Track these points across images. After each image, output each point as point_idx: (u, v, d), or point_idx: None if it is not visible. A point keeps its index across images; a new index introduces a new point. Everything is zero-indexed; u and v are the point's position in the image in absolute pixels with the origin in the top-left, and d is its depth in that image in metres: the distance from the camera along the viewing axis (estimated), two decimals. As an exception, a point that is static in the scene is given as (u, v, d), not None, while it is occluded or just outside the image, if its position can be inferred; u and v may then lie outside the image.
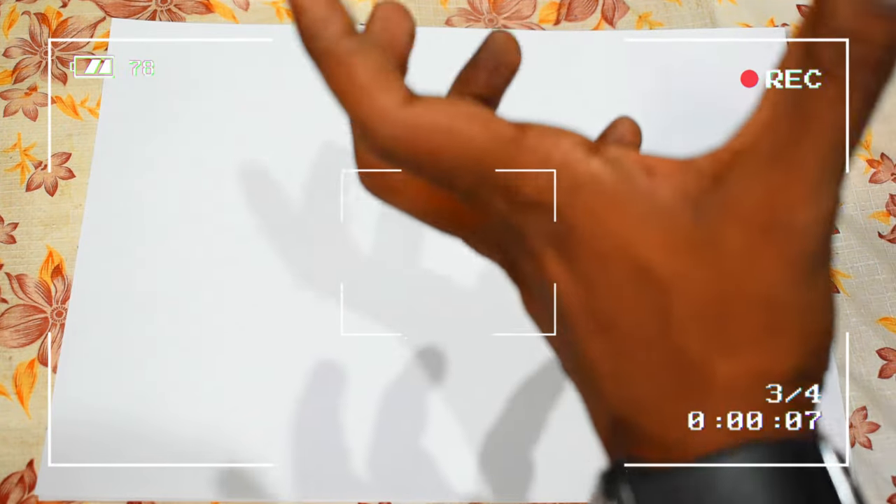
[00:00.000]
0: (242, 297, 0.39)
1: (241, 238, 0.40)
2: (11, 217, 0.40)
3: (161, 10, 0.45)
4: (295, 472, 0.36)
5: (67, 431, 0.36)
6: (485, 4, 0.46)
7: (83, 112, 0.42)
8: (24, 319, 0.38)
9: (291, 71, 0.43)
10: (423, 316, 0.39)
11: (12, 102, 0.42)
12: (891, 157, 0.43)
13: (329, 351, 0.38)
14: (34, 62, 0.43)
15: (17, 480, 0.36)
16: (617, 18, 0.46)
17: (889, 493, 0.37)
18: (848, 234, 0.41)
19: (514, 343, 0.39)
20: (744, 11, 0.46)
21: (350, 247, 0.40)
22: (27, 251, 0.40)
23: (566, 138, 0.18)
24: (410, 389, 0.38)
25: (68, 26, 0.44)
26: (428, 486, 0.36)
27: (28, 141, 0.42)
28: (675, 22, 0.46)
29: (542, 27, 0.46)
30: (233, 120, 0.42)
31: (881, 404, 0.38)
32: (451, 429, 0.37)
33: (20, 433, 0.37)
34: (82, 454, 0.36)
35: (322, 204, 0.41)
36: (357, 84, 0.18)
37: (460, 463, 0.37)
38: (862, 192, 0.42)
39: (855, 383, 0.39)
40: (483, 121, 0.18)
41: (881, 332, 0.40)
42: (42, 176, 0.41)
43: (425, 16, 0.46)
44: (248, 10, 0.45)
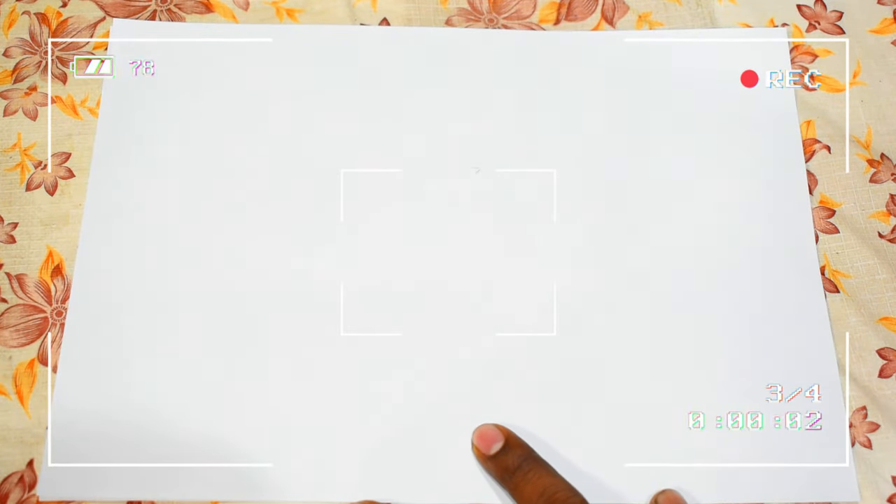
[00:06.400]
0: (242, 297, 0.39)
1: (240, 238, 0.40)
2: (11, 217, 0.40)
3: (161, 10, 0.45)
4: (295, 472, 0.36)
5: (67, 431, 0.36)
6: (485, 4, 0.46)
7: (83, 112, 0.42)
8: (23, 319, 0.38)
9: (291, 71, 0.44)
10: (423, 316, 0.39)
11: (12, 102, 0.42)
12: (891, 157, 0.43)
13: (329, 351, 0.38)
14: (34, 62, 0.43)
15: (17, 480, 0.36)
16: (617, 18, 0.46)
17: (889, 492, 0.37)
18: (848, 234, 0.41)
19: (515, 343, 0.39)
20: (744, 11, 0.46)
21: (350, 247, 0.40)
22: (27, 251, 0.40)
23: None
24: (410, 389, 0.38)
25: (68, 26, 0.44)
26: (428, 486, 0.36)
27: (28, 141, 0.42)
28: (675, 22, 0.46)
29: (542, 27, 0.46)
30: (233, 120, 0.42)
31: (881, 404, 0.38)
32: (452, 429, 0.37)
33: (20, 433, 0.37)
34: (82, 454, 0.36)
35: (322, 204, 0.41)
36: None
37: (461, 463, 0.37)
38: (862, 192, 0.42)
39: (855, 383, 0.39)
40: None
41: (881, 331, 0.40)
42: (42, 176, 0.41)
43: (425, 16, 0.46)
44: (248, 10, 0.45)
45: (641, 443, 0.37)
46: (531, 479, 0.34)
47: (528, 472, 0.34)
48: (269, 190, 0.41)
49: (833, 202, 0.42)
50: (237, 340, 0.38)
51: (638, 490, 0.36)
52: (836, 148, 0.43)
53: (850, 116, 0.44)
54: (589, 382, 0.38)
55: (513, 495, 0.35)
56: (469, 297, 0.39)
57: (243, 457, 0.36)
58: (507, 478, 0.35)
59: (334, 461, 0.37)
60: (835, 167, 0.43)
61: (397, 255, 0.40)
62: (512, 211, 0.41)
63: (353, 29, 0.45)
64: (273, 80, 0.43)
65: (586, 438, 0.37)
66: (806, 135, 0.43)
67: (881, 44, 0.46)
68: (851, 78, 0.45)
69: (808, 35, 0.46)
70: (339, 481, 0.36)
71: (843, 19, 0.46)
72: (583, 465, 0.37)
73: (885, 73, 0.45)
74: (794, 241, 0.41)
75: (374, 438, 0.37)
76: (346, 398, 0.38)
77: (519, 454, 0.35)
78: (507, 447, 0.35)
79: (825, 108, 0.44)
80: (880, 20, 0.46)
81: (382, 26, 0.45)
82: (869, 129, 0.44)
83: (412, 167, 0.42)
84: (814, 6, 0.47)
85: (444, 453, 0.37)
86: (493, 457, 0.35)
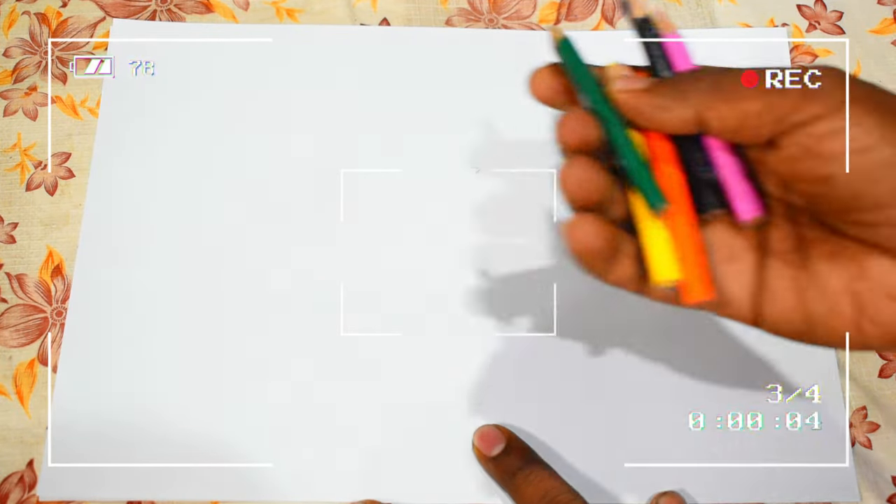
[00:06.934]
0: (242, 297, 0.39)
1: (240, 238, 0.40)
2: (11, 217, 0.40)
3: (161, 10, 0.45)
4: (295, 472, 0.36)
5: (67, 431, 0.36)
6: (485, 4, 0.46)
7: (83, 112, 0.42)
8: (23, 319, 0.38)
9: (291, 71, 0.43)
10: (423, 316, 0.39)
11: (12, 102, 0.42)
12: (891, 157, 0.43)
13: (329, 351, 0.38)
14: (34, 62, 0.43)
15: (17, 480, 0.36)
16: (617, 18, 0.46)
17: (889, 493, 0.37)
18: (848, 234, 0.41)
19: (516, 343, 0.39)
20: (744, 11, 0.46)
21: (350, 247, 0.40)
22: (27, 251, 0.40)
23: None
24: (411, 389, 0.38)
25: (68, 26, 0.44)
26: (428, 486, 0.36)
27: (28, 141, 0.42)
28: (675, 22, 0.46)
29: (542, 27, 0.46)
30: (233, 120, 0.42)
31: (881, 404, 0.38)
32: (452, 429, 0.37)
33: (20, 433, 0.37)
34: (82, 454, 0.36)
35: (322, 204, 0.41)
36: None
37: (461, 463, 0.37)
38: (862, 192, 0.42)
39: (855, 383, 0.39)
40: None
41: (881, 332, 0.40)
42: (42, 176, 0.41)
43: (425, 16, 0.46)
44: (248, 10, 0.45)
45: (641, 443, 0.37)
46: (532, 482, 0.34)
47: (530, 474, 0.34)
48: (269, 190, 0.41)
49: (833, 202, 0.42)
50: (237, 340, 0.38)
51: (638, 490, 0.36)
52: (836, 148, 0.43)
53: (850, 116, 0.44)
54: (589, 382, 0.38)
55: (513, 497, 0.35)
56: (469, 296, 0.39)
57: (243, 457, 0.36)
58: (507, 480, 0.35)
59: (334, 461, 0.37)
60: (835, 167, 0.43)
61: (397, 255, 0.40)
62: (512, 211, 0.41)
63: (353, 29, 0.45)
64: (273, 80, 0.43)
65: (586, 438, 0.37)
66: (806, 135, 0.43)
67: (881, 44, 0.46)
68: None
69: (808, 35, 0.46)
70: (339, 481, 0.36)
71: (843, 19, 0.46)
72: (583, 466, 0.37)
73: (885, 73, 0.45)
74: (794, 241, 0.41)
75: (374, 438, 0.37)
76: (346, 398, 0.38)
77: (520, 456, 0.35)
78: (509, 449, 0.35)
79: (825, 108, 0.44)
80: (880, 20, 0.46)
81: (382, 26, 0.45)
82: (869, 129, 0.44)
83: (412, 167, 0.42)
84: (814, 6, 0.47)
85: (445, 453, 0.37)
86: (494, 458, 0.35)
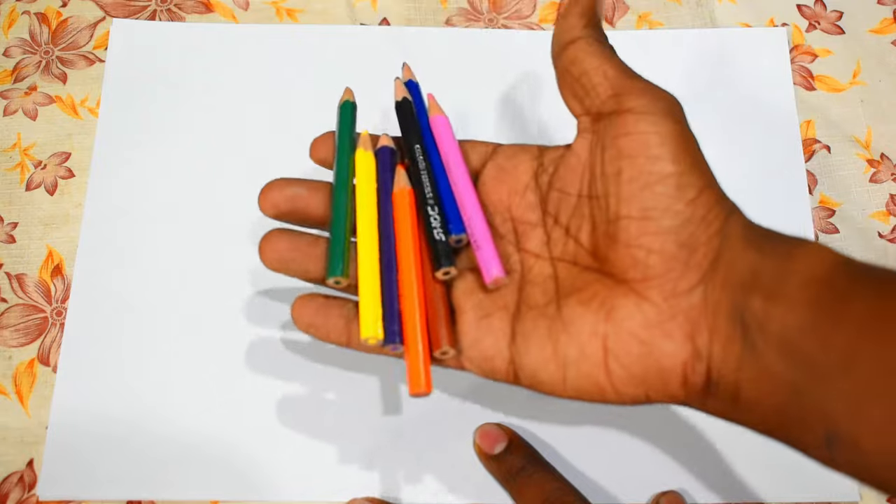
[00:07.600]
0: (242, 297, 0.39)
1: (241, 238, 0.40)
2: (11, 217, 0.40)
3: (161, 9, 0.45)
4: (295, 472, 0.36)
5: (67, 431, 0.36)
6: (485, 4, 0.46)
7: (83, 112, 0.42)
8: (23, 319, 0.38)
9: (291, 71, 0.43)
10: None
11: (12, 102, 0.42)
12: (891, 157, 0.43)
13: (329, 351, 0.38)
14: (34, 62, 0.43)
15: (16, 480, 0.36)
16: (617, 18, 0.46)
17: (889, 492, 0.37)
18: (848, 234, 0.41)
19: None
20: (744, 11, 0.46)
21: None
22: (27, 251, 0.40)
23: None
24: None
25: (68, 26, 0.44)
26: (429, 486, 0.36)
27: (28, 140, 0.42)
28: (675, 22, 0.46)
29: (542, 27, 0.46)
30: (233, 120, 0.42)
31: (881, 404, 0.38)
32: (453, 429, 0.37)
33: (20, 433, 0.37)
34: (82, 454, 0.36)
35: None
36: None
37: (461, 463, 0.37)
38: (862, 192, 0.42)
39: (855, 383, 0.39)
40: None
41: (881, 331, 0.40)
42: (42, 175, 0.41)
43: (425, 16, 0.46)
44: (248, 9, 0.45)
45: (642, 442, 0.37)
46: (534, 482, 0.34)
47: (532, 474, 0.34)
48: (269, 190, 0.41)
49: (833, 202, 0.42)
50: (237, 339, 0.38)
51: (638, 490, 0.36)
52: (835, 148, 0.43)
53: (850, 116, 0.44)
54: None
55: (515, 497, 0.35)
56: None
57: (243, 457, 0.36)
58: (509, 479, 0.35)
59: (334, 461, 0.37)
60: (834, 167, 0.43)
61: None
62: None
63: (353, 29, 0.45)
64: (273, 79, 0.43)
65: (587, 438, 0.37)
66: (806, 134, 0.43)
67: (881, 44, 0.46)
68: (851, 78, 0.45)
69: (808, 35, 0.46)
70: (339, 481, 0.36)
71: (843, 19, 0.46)
72: (583, 465, 0.37)
73: (885, 73, 0.45)
74: (794, 241, 0.41)
75: (374, 438, 0.37)
76: (345, 398, 0.38)
77: (522, 456, 0.35)
78: (511, 448, 0.35)
79: (825, 108, 0.44)
80: (880, 20, 0.46)
81: (382, 26, 0.45)
82: (869, 129, 0.44)
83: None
84: (814, 6, 0.47)
85: (445, 453, 0.37)
86: (495, 457, 0.35)
